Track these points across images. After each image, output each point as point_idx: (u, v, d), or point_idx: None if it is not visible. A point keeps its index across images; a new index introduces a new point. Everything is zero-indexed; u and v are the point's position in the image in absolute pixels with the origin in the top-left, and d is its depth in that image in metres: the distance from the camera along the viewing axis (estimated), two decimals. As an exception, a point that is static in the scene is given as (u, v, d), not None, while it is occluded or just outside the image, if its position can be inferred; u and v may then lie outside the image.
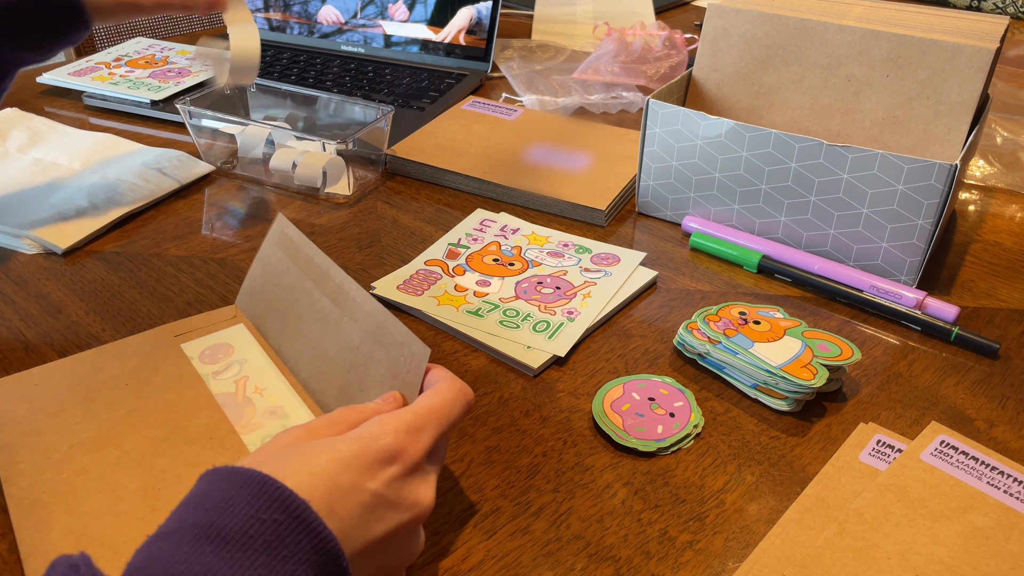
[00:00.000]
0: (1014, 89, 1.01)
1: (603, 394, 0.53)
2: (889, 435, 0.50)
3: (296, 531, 0.33)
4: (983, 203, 0.81)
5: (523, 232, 0.71)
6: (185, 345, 0.55)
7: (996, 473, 0.46)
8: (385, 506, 0.36)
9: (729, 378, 0.55)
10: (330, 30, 1.11)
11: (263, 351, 0.55)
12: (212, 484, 0.34)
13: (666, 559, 0.43)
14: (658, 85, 1.01)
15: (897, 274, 0.65)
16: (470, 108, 0.92)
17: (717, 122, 0.67)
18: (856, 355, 0.54)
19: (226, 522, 0.32)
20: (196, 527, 0.32)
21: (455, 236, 0.70)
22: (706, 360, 0.56)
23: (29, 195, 0.73)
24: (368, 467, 0.36)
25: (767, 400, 0.53)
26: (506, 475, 0.48)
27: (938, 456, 0.47)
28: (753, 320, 0.57)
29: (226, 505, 0.33)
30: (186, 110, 0.78)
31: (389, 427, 0.38)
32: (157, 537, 0.32)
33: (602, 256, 0.68)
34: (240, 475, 0.34)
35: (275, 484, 0.33)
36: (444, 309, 0.60)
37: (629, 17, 1.28)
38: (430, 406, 0.40)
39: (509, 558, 0.43)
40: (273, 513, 0.32)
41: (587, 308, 0.61)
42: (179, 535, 0.32)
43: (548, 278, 0.65)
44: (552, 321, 0.59)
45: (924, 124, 0.69)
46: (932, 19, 0.71)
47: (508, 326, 0.59)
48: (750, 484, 0.48)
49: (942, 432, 0.49)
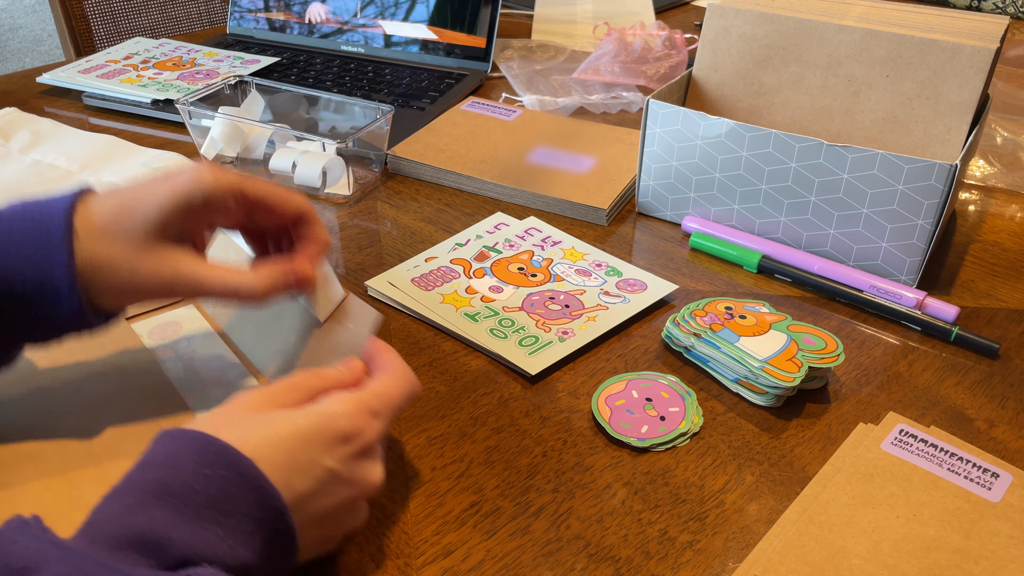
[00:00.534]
0: (1014, 89, 1.01)
1: (604, 388, 0.54)
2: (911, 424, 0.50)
3: (241, 487, 0.34)
4: (983, 203, 0.81)
5: (563, 246, 0.70)
6: (135, 324, 0.57)
7: (956, 460, 0.47)
8: (337, 482, 0.38)
9: (712, 371, 0.55)
10: (330, 30, 1.11)
11: (211, 328, 0.57)
12: (160, 444, 0.36)
13: (666, 559, 0.43)
14: (658, 85, 1.01)
15: (897, 274, 0.65)
16: (469, 108, 0.92)
17: (717, 122, 0.67)
18: (840, 348, 0.55)
19: (172, 478, 0.34)
20: (143, 483, 0.34)
21: (492, 240, 0.69)
22: (691, 353, 0.56)
23: (22, 196, 0.73)
24: (326, 444, 0.38)
25: (747, 394, 0.54)
26: (506, 475, 0.48)
27: (898, 445, 0.48)
28: (739, 315, 0.58)
29: (173, 463, 0.34)
30: (186, 110, 0.78)
31: (350, 406, 0.39)
32: (107, 496, 0.34)
33: (630, 281, 0.65)
34: (188, 435, 0.35)
35: (219, 444, 0.35)
36: (444, 308, 0.61)
37: (629, 17, 1.28)
38: (386, 391, 0.42)
39: (509, 558, 0.43)
40: (218, 469, 0.34)
41: (584, 332, 0.59)
42: (126, 491, 0.34)
43: (563, 295, 0.63)
44: (541, 338, 0.58)
45: (924, 124, 0.69)
46: (932, 19, 0.71)
47: (497, 335, 0.58)
48: (750, 484, 0.48)
49: (901, 421, 0.50)
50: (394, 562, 0.42)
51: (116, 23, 1.36)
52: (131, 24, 1.39)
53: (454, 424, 0.51)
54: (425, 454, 0.49)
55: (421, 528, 0.44)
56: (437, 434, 0.50)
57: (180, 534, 0.33)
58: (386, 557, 0.42)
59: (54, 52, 3.36)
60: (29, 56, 3.35)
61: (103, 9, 1.34)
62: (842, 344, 0.55)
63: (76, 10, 1.30)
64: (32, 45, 3.45)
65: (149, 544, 0.32)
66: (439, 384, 0.55)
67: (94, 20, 1.33)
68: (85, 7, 1.31)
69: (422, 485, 0.47)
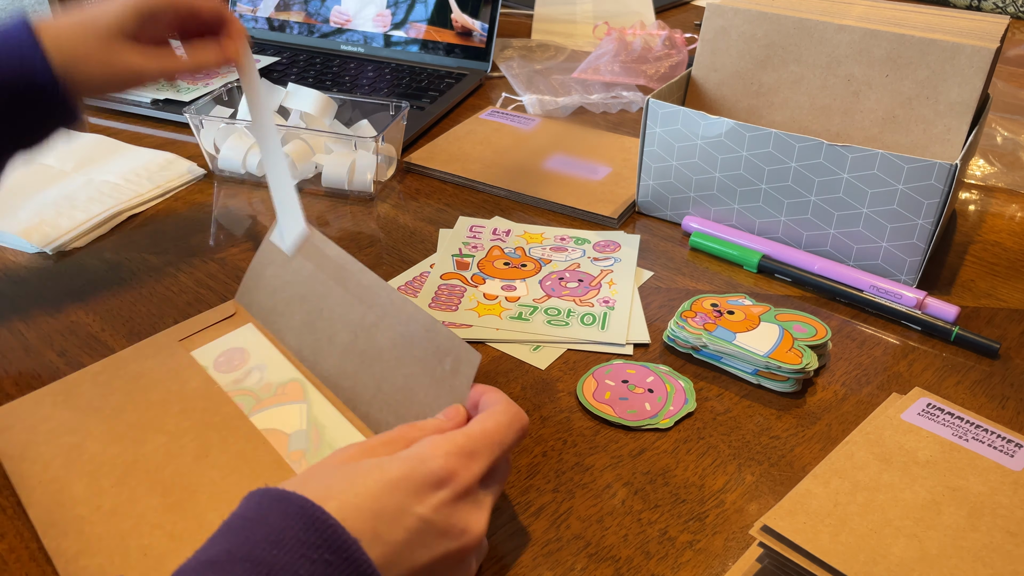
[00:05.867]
0: (1014, 89, 1.01)
1: (581, 389, 0.54)
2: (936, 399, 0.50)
3: (345, 571, 0.32)
4: (983, 203, 0.81)
5: (516, 232, 0.71)
6: (196, 352, 0.54)
7: (979, 430, 0.47)
8: (432, 532, 0.35)
9: (728, 367, 0.56)
10: (330, 30, 1.11)
11: (280, 354, 0.54)
12: (261, 510, 0.33)
13: (666, 559, 0.43)
14: (658, 85, 1.01)
15: (897, 274, 0.65)
16: (488, 118, 0.93)
17: (717, 122, 0.67)
18: (828, 332, 0.57)
19: (277, 559, 0.31)
20: (247, 561, 0.31)
21: (454, 247, 0.69)
22: (702, 353, 0.56)
23: (14, 196, 0.72)
24: (416, 490, 0.35)
25: (770, 384, 0.54)
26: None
27: (924, 416, 0.48)
28: (727, 311, 0.59)
29: (277, 538, 0.32)
30: (196, 120, 0.77)
31: (440, 449, 0.36)
32: (205, 565, 0.31)
33: (603, 244, 0.69)
34: (291, 504, 0.33)
35: (327, 520, 0.32)
36: (486, 319, 0.60)
37: (629, 17, 1.28)
38: (484, 429, 0.38)
39: (509, 558, 0.43)
40: (324, 553, 0.32)
41: (619, 294, 0.63)
42: (230, 568, 0.31)
43: (567, 272, 0.65)
44: (595, 313, 0.60)
45: (924, 124, 0.69)
46: (932, 19, 0.71)
47: (558, 324, 0.59)
48: (750, 484, 0.48)
49: (926, 396, 0.50)
50: (394, 562, 0.42)
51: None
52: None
53: (454, 424, 0.51)
54: (425, 454, 0.49)
55: (421, 528, 0.44)
56: (437, 434, 0.50)
57: None
58: (386, 557, 0.42)
59: (54, 52, 3.35)
60: (29, 56, 3.34)
61: (103, 9, 1.34)
62: (826, 325, 0.58)
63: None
64: (32, 45, 3.44)
65: None
66: (439, 384, 0.54)
67: (94, 20, 1.32)
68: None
69: (422, 485, 0.47)
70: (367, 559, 0.32)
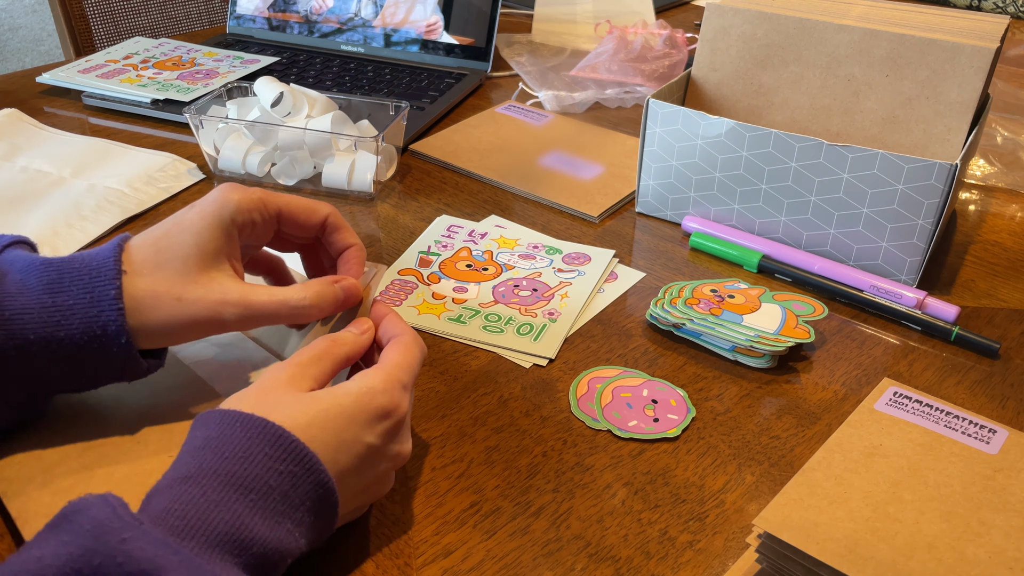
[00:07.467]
0: (1014, 89, 1.01)
1: (575, 397, 0.53)
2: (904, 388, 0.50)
3: (308, 482, 0.37)
4: (983, 203, 0.81)
5: (491, 236, 0.71)
6: None
7: (951, 417, 0.47)
8: (376, 456, 0.40)
9: (707, 344, 0.58)
10: (330, 29, 1.11)
11: None
12: (225, 429, 0.37)
13: (666, 559, 0.43)
14: (657, 84, 1.01)
15: (897, 274, 0.65)
16: (504, 112, 0.94)
17: (717, 122, 0.67)
18: (825, 309, 0.60)
19: (247, 471, 0.35)
20: (219, 474, 0.35)
21: (424, 244, 0.69)
22: (682, 330, 0.58)
23: (15, 204, 0.72)
24: (368, 422, 0.40)
25: (747, 360, 0.56)
26: (506, 475, 0.48)
27: (892, 406, 0.48)
28: (727, 295, 0.61)
29: (245, 454, 0.36)
30: (196, 120, 0.77)
31: (387, 383, 0.41)
32: (179, 481, 0.35)
33: (573, 256, 0.68)
34: (255, 425, 0.37)
35: (289, 437, 0.36)
36: (425, 318, 0.60)
37: (630, 16, 1.28)
38: (409, 363, 0.43)
39: (509, 558, 0.43)
40: (290, 465, 0.36)
41: (567, 308, 0.61)
42: (203, 480, 0.34)
43: (524, 280, 0.65)
44: (534, 324, 0.59)
45: (924, 124, 0.69)
46: (932, 19, 0.71)
47: (491, 331, 0.59)
48: (750, 484, 0.48)
49: (893, 385, 0.50)
50: (394, 562, 0.42)
51: (116, 23, 1.36)
52: (131, 24, 1.39)
53: (454, 424, 0.51)
54: (425, 454, 0.49)
55: (421, 528, 0.44)
56: (437, 434, 0.50)
57: (260, 531, 0.34)
58: (386, 557, 0.42)
59: (54, 52, 3.36)
60: (29, 56, 3.35)
61: (103, 9, 1.34)
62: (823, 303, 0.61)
63: (76, 10, 1.30)
64: (32, 45, 3.45)
65: (236, 543, 0.33)
66: (439, 384, 0.54)
67: (94, 20, 1.33)
68: (85, 7, 1.31)
69: (422, 485, 0.47)
70: (325, 471, 0.37)
